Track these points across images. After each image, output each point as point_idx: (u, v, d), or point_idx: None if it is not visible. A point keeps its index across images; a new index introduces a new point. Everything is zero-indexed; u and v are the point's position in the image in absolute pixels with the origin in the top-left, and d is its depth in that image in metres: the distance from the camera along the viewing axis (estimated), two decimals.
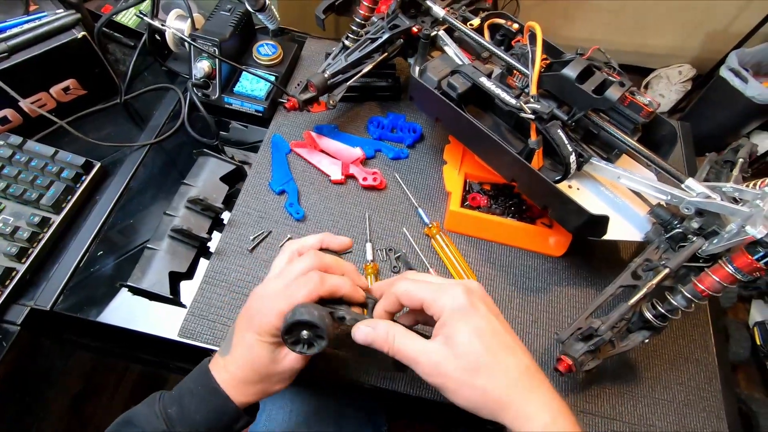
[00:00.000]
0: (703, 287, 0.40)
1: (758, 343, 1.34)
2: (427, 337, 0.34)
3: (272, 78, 0.65)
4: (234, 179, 0.60)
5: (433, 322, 0.34)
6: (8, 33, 0.54)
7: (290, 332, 0.33)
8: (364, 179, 0.60)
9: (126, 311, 0.51)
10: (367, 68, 0.60)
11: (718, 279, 0.39)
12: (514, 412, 0.30)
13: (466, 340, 0.31)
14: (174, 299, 0.51)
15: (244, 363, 0.36)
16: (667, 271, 0.43)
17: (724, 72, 1.51)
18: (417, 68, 0.57)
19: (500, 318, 0.34)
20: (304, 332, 0.33)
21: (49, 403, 1.04)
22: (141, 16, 0.60)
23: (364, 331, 0.34)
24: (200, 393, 0.36)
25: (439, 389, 0.32)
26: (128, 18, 0.72)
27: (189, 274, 0.53)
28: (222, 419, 0.36)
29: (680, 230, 0.46)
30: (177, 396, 0.36)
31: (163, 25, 0.62)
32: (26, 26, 0.56)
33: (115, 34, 0.72)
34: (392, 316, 0.37)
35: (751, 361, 1.34)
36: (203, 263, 0.54)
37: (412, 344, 0.33)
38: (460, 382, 0.31)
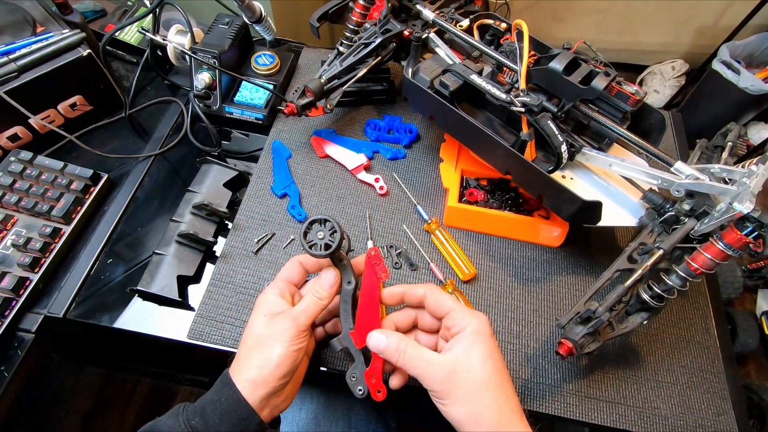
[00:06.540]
0: (696, 265, 0.41)
1: (767, 332, 1.33)
2: None
3: (270, 86, 0.67)
4: (237, 185, 0.62)
5: (428, 329, 0.40)
6: (17, 54, 0.57)
7: (306, 236, 0.38)
8: (381, 188, 0.61)
9: (136, 316, 0.52)
10: (361, 72, 0.62)
11: (710, 256, 0.40)
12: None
13: (483, 359, 0.35)
14: (182, 302, 0.53)
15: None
16: (661, 252, 0.44)
17: (716, 65, 1.53)
18: (410, 69, 0.59)
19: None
20: (320, 233, 0.38)
21: (59, 422, 1.05)
22: (143, 32, 0.62)
23: (377, 339, 0.38)
24: (224, 405, 0.35)
25: (441, 397, 0.34)
26: (131, 36, 0.75)
27: (196, 278, 0.54)
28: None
29: (673, 213, 0.47)
30: (200, 408, 0.36)
31: (164, 39, 0.64)
32: (34, 47, 0.58)
33: (119, 51, 0.74)
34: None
35: (761, 351, 1.33)
36: (210, 267, 0.56)
37: (425, 355, 0.36)
38: (468, 392, 0.34)
